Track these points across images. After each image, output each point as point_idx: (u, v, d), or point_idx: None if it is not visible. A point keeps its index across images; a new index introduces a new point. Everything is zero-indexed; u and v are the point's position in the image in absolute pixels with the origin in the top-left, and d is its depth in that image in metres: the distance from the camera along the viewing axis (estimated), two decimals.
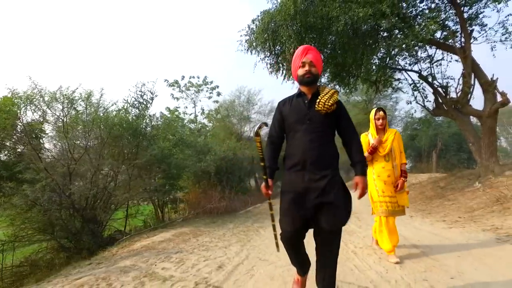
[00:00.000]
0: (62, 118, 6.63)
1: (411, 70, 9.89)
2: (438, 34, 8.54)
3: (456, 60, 8.78)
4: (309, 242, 2.20)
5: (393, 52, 9.02)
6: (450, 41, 8.60)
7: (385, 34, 8.80)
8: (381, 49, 8.94)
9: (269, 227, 6.09)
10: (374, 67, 9.69)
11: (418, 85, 9.91)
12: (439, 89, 9.28)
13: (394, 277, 2.73)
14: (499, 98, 7.88)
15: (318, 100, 1.99)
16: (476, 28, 8.41)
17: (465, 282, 2.47)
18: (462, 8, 8.24)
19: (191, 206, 7.72)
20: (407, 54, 9.15)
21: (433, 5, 8.42)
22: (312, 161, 1.95)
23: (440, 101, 9.27)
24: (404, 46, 8.19)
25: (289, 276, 2.90)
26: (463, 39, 8.24)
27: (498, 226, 4.66)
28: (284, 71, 8.94)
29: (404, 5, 8.24)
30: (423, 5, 8.47)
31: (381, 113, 3.47)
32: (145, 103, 7.60)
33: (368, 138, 3.51)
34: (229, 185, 12.04)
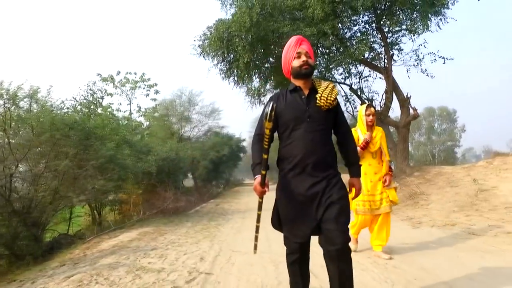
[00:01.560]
0: (2, 115, 6.13)
1: (344, 83, 11.32)
2: (366, 54, 10.00)
3: (380, 78, 10.38)
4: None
5: (330, 66, 10.27)
6: (376, 61, 10.15)
7: (325, 50, 9.99)
8: (321, 63, 10.12)
9: (226, 223, 6.57)
10: None
11: (349, 96, 11.40)
12: (366, 101, 10.83)
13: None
14: (411, 112, 9.63)
15: (319, 95, 1.81)
16: (395, 52, 10.09)
17: (394, 254, 3.35)
18: (386, 34, 9.81)
19: (145, 207, 7.74)
20: (342, 69, 10.47)
21: (364, 29, 9.85)
22: (315, 163, 1.78)
23: None
24: (340, 62, 9.46)
25: (266, 262, 3.47)
26: (386, 61, 9.81)
27: (411, 216, 5.93)
28: (236, 78, 9.49)
29: (341, 26, 9.49)
30: (356, 29, 9.86)
31: (372, 109, 3.45)
32: (95, 102, 7.40)
33: (357, 133, 3.41)
34: (174, 186, 12.10)
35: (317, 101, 1.81)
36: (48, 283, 2.99)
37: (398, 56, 10.14)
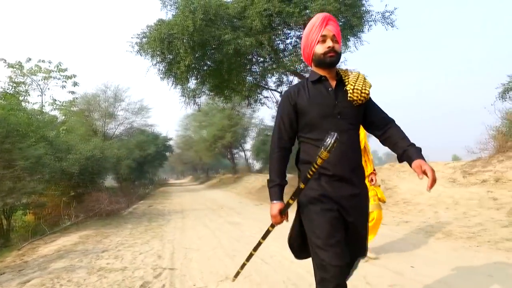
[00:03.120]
0: None
1: (275, 90, 12.22)
2: (297, 66, 11.01)
3: None
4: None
5: (265, 74, 11.03)
6: (304, 73, 11.24)
7: (260, 59, 10.68)
8: (257, 71, 10.82)
9: (168, 224, 6.68)
10: (247, 84, 11.49)
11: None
12: None
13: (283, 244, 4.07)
14: None
15: (351, 87, 1.51)
16: None
17: None
18: None
19: (78, 209, 7.27)
20: (275, 78, 11.34)
21: (295, 43, 10.82)
22: (351, 168, 1.50)
23: None
24: (274, 71, 10.27)
25: (221, 256, 3.85)
26: None
27: None
28: (175, 79, 9.51)
29: (276, 38, 10.30)
30: (289, 42, 10.78)
31: None
32: (19, 96, 6.75)
33: None
34: (97, 187, 11.46)
35: (349, 95, 1.50)
36: None
37: None
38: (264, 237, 1.67)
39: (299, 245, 1.62)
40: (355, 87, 1.50)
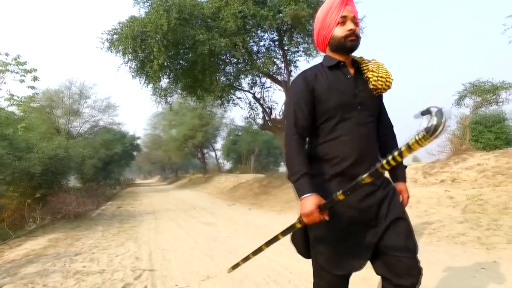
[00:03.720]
0: None
1: (248, 91, 12.36)
2: (270, 68, 11.22)
3: (280, 90, 11.76)
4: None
5: (239, 75, 11.14)
6: (277, 75, 11.48)
7: (234, 60, 10.77)
8: (231, 72, 10.89)
9: (140, 225, 6.58)
10: (221, 85, 11.53)
11: (252, 104, 12.51)
12: (267, 109, 12.11)
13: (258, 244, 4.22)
14: None
15: (375, 75, 1.38)
16: (293, 69, 11.63)
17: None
18: (286, 52, 11.21)
19: (45, 212, 6.91)
20: (249, 78, 11.47)
21: (268, 45, 11.03)
22: (371, 166, 1.21)
23: (267, 119, 12.11)
24: (247, 73, 10.41)
25: (200, 256, 3.91)
26: (285, 75, 11.22)
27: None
28: (147, 77, 9.33)
29: (251, 41, 10.45)
30: (262, 44, 10.96)
31: None
32: None
33: None
34: (63, 188, 10.99)
35: (373, 83, 1.38)
36: None
37: (295, 72, 11.73)
38: (285, 233, 1.44)
39: (306, 246, 1.47)
40: (379, 75, 1.38)
